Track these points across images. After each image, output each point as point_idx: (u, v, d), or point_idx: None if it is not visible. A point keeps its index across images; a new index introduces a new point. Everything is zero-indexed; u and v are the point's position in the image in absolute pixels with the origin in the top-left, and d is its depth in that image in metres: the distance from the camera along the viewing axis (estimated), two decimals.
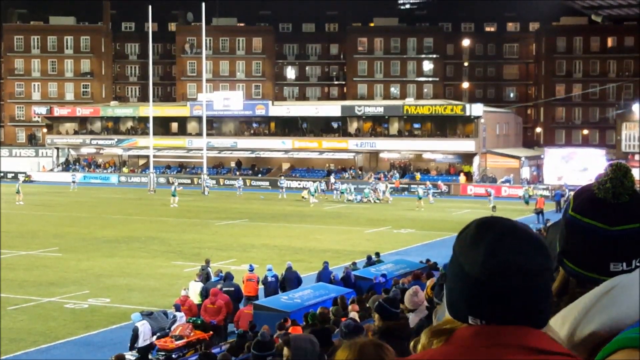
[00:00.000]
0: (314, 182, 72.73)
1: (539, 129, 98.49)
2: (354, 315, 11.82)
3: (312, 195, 64.69)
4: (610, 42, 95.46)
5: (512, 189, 72.50)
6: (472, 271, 1.82)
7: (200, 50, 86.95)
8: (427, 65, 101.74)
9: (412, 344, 2.05)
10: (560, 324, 2.01)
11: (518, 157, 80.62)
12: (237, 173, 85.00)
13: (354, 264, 27.50)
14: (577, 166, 76.88)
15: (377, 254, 28.88)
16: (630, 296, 1.94)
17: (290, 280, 24.31)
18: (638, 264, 2.10)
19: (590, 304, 1.98)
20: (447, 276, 1.93)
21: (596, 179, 2.18)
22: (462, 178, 76.94)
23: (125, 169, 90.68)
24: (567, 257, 2.19)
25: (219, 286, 21.97)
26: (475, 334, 1.81)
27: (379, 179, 74.74)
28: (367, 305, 10.90)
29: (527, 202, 59.93)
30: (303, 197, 65.38)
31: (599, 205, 2.13)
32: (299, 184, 76.53)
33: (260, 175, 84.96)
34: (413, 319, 7.52)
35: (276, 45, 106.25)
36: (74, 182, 77.05)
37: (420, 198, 61.88)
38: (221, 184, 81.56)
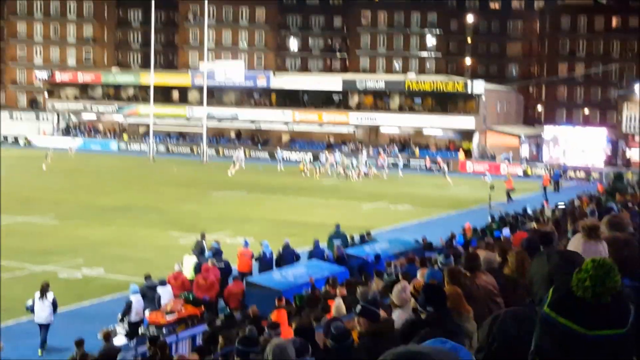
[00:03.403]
0: (317, 154, 72.14)
1: (540, 107, 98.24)
2: (339, 302, 11.83)
3: (318, 167, 64.81)
4: (614, 21, 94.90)
5: (512, 166, 72.43)
6: None
7: (203, 19, 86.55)
8: (431, 40, 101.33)
9: None
10: None
11: (518, 135, 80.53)
12: (237, 143, 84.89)
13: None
14: (577, 146, 76.83)
15: (368, 234, 28.48)
16: None
17: (287, 257, 24.31)
18: None
19: None
20: None
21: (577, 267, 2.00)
22: (461, 155, 76.85)
23: (125, 136, 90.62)
24: (540, 356, 2.02)
25: (210, 262, 21.97)
26: None
27: (379, 153, 74.61)
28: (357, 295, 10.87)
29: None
30: (302, 169, 65.23)
31: (577, 304, 1.95)
32: (299, 156, 76.41)
33: (260, 146, 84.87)
34: (400, 316, 7.51)
35: (279, 15, 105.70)
36: (70, 148, 77.05)
37: (353, 167, 62.53)
38: (220, 154, 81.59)
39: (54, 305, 19.05)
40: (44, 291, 19.03)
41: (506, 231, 23.34)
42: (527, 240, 9.43)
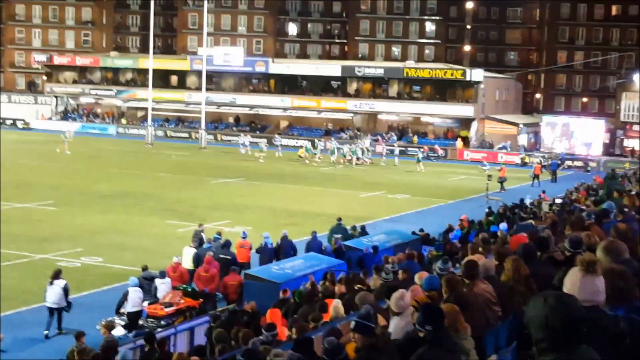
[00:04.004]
0: (313, 140, 71.58)
1: (538, 95, 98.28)
2: (337, 303, 11.90)
3: (315, 154, 64.79)
4: (614, 10, 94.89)
5: (509, 155, 72.53)
6: None
7: (202, 3, 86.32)
8: (430, 27, 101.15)
9: None
10: None
11: (516, 124, 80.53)
12: (235, 129, 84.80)
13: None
14: (576, 136, 76.85)
15: (363, 227, 28.19)
16: None
17: (285, 249, 24.34)
18: None
19: None
20: None
21: None
22: (459, 143, 76.88)
23: (123, 121, 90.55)
24: None
25: (210, 253, 21.99)
26: None
27: (376, 140, 74.70)
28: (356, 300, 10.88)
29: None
30: (300, 155, 65.24)
31: None
32: (297, 143, 76.43)
33: (258, 132, 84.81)
34: (398, 323, 7.59)
35: (279, 0, 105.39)
36: (68, 131, 76.13)
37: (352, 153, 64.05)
38: (218, 139, 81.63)
39: (65, 290, 19.79)
40: (54, 277, 19.88)
41: (503, 226, 23.43)
42: (524, 247, 9.55)
